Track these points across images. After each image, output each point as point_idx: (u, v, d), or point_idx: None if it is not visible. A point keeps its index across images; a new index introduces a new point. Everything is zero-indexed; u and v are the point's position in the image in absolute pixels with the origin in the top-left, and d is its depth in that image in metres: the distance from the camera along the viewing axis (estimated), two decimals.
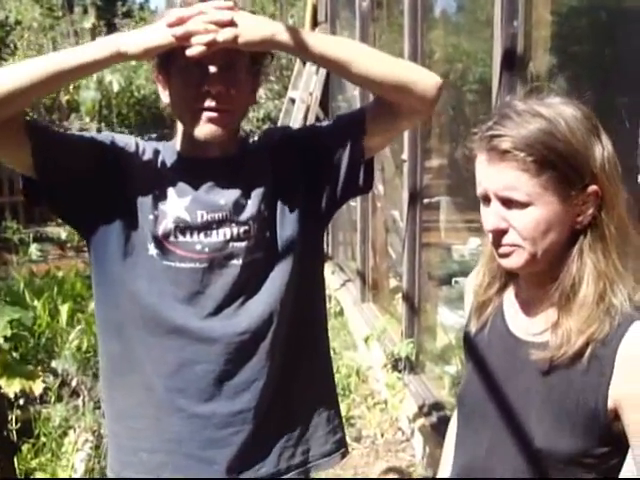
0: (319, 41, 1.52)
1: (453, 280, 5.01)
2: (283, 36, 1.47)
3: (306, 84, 6.71)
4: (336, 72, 1.63)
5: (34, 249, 8.17)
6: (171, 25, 1.43)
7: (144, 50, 1.44)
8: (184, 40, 1.43)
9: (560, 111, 1.24)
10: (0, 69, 1.48)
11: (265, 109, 9.84)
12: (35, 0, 11.75)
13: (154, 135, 9.53)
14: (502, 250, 1.29)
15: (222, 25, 1.43)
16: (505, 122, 1.24)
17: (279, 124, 7.39)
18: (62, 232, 8.73)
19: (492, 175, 1.26)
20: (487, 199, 1.28)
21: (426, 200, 4.60)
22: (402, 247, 4.55)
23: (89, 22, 5.89)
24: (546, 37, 3.24)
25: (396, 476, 3.81)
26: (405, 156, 4.26)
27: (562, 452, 1.27)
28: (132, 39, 1.45)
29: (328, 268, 7.01)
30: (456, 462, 1.53)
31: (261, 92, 9.90)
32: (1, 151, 1.56)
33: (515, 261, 1.29)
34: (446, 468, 1.60)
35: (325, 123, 1.76)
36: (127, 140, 1.67)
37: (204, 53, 1.45)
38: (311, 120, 6.68)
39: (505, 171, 1.24)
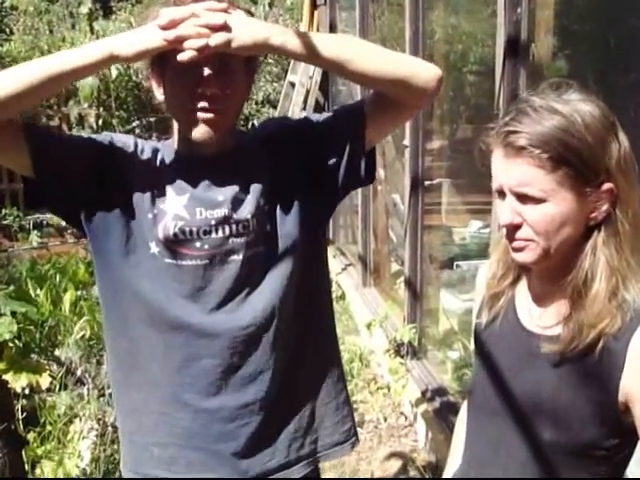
0: (315, 42, 1.50)
1: (455, 264, 5.02)
2: (277, 40, 1.45)
3: (306, 68, 6.67)
4: (333, 71, 1.63)
5: (34, 236, 8.16)
6: (163, 28, 1.41)
7: (137, 53, 1.43)
8: (176, 44, 1.42)
9: (577, 108, 1.23)
10: None
11: (264, 92, 9.80)
12: None
13: (152, 119, 9.51)
14: (516, 244, 1.30)
15: (215, 29, 1.41)
16: (522, 118, 1.24)
17: (279, 108, 7.36)
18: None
19: (508, 170, 1.26)
20: (502, 194, 1.29)
21: (427, 182, 4.59)
22: (404, 231, 4.55)
23: (86, 7, 5.85)
24: (548, 18, 3.22)
25: (400, 461, 3.83)
26: (407, 141, 4.25)
27: (572, 444, 1.29)
28: (125, 42, 1.43)
29: (329, 252, 6.99)
30: (465, 454, 1.54)
31: (259, 75, 9.86)
32: (0, 155, 1.58)
33: (528, 256, 1.30)
34: (455, 460, 1.61)
35: (324, 115, 1.73)
36: (125, 140, 1.66)
37: (195, 58, 1.43)
38: (311, 104, 6.66)
39: (520, 167, 1.24)
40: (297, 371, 1.72)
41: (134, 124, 9.59)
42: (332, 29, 6.78)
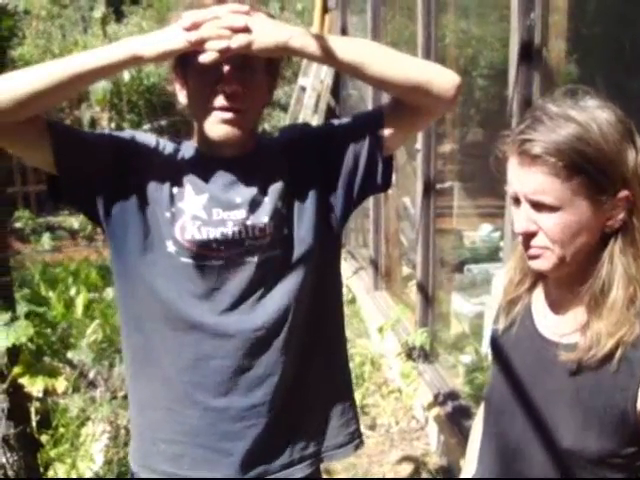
0: (335, 45, 1.52)
1: (465, 267, 5.02)
2: (297, 42, 1.48)
3: (317, 71, 6.68)
4: (352, 74, 1.63)
5: (46, 239, 8.20)
6: (186, 30, 1.44)
7: (160, 54, 1.46)
8: (198, 45, 1.45)
9: (594, 115, 1.23)
10: (19, 71, 1.51)
11: (274, 95, 9.79)
12: None
13: (163, 122, 9.55)
14: (531, 252, 1.30)
15: (236, 31, 1.44)
16: (537, 126, 1.24)
17: (289, 111, 7.37)
18: (74, 222, 8.77)
19: (523, 178, 1.26)
20: (518, 201, 1.29)
21: (439, 186, 4.60)
22: (415, 235, 4.55)
23: (99, 11, 5.89)
24: (561, 22, 3.22)
25: (411, 464, 3.83)
26: (419, 145, 4.25)
27: (590, 452, 1.28)
28: (148, 43, 1.46)
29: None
30: (482, 461, 1.54)
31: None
32: (24, 150, 1.62)
33: (544, 263, 1.30)
34: (471, 465, 1.61)
35: (344, 121, 1.75)
36: (147, 138, 1.69)
37: (217, 59, 1.46)
38: (322, 108, 6.65)
39: (535, 175, 1.24)
40: (305, 374, 1.73)
41: (145, 127, 9.62)
42: (343, 33, 6.78)
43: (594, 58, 3.39)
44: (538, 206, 1.25)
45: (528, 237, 1.29)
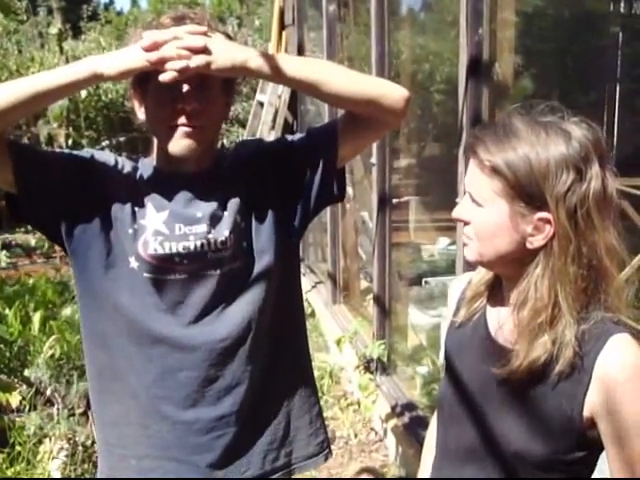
0: (291, 66, 1.56)
1: (423, 280, 5.07)
2: (255, 63, 1.51)
3: (274, 87, 6.71)
4: (307, 93, 1.69)
5: (3, 256, 8.10)
6: (146, 49, 1.46)
7: (119, 72, 1.48)
8: (158, 65, 1.47)
9: (545, 132, 1.25)
10: None
11: (233, 111, 9.83)
12: None
13: (122, 139, 9.51)
14: (462, 239, 1.37)
15: (195, 51, 1.47)
16: (490, 128, 1.32)
17: (248, 127, 7.39)
18: (31, 239, 8.68)
19: (468, 170, 1.33)
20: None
21: (395, 200, 4.64)
22: (372, 248, 4.59)
23: (55, 28, 5.86)
24: (510, 38, 3.30)
25: (370, 476, 3.84)
26: (374, 159, 4.30)
27: (537, 456, 1.30)
28: (108, 62, 1.49)
29: None
30: (435, 465, 1.55)
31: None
32: None
33: (467, 253, 1.36)
34: (425, 471, 1.62)
35: (298, 135, 1.80)
36: (106, 157, 1.71)
37: (176, 78, 1.48)
38: (280, 123, 6.69)
39: (471, 168, 1.31)
40: (272, 384, 1.76)
41: (103, 144, 9.57)
42: (300, 49, 6.84)
43: (544, 72, 3.47)
44: (473, 198, 1.31)
45: (462, 224, 1.36)
